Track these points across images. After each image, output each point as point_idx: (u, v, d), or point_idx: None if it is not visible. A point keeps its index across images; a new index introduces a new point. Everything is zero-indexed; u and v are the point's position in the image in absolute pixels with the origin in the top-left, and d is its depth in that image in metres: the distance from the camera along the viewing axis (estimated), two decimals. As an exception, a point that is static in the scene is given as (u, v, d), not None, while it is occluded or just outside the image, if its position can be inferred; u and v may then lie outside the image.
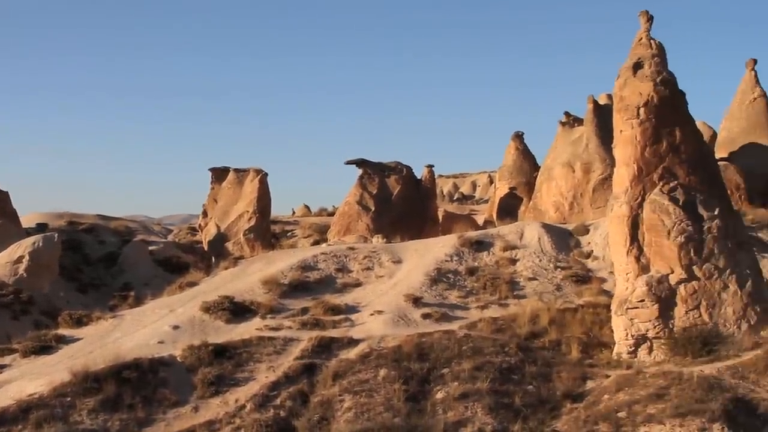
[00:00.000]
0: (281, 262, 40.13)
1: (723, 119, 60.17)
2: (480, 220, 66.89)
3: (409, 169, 64.44)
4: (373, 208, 59.97)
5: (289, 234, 75.35)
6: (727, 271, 28.83)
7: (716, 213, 29.37)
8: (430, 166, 66.90)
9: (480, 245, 40.24)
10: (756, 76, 59.17)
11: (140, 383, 26.75)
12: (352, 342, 30.01)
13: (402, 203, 61.60)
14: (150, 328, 33.26)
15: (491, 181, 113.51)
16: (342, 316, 33.58)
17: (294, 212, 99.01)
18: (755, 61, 59.44)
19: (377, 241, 46.64)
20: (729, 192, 40.91)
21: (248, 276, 39.41)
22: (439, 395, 25.77)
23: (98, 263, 66.36)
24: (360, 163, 63.07)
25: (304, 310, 34.35)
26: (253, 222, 67.76)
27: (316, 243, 59.83)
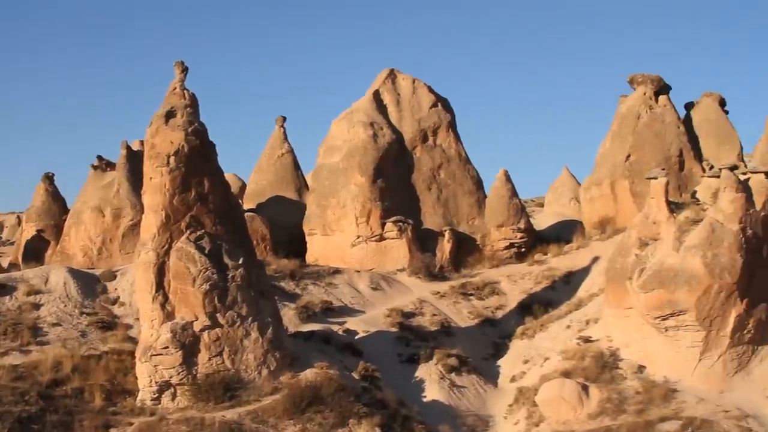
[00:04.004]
0: None
1: (252, 172, 65.04)
2: (5, 262, 65.09)
3: None
4: None
5: None
6: (250, 319, 32.14)
7: (241, 262, 32.57)
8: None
9: (2, 289, 39.87)
10: (285, 132, 65.14)
11: None
12: None
13: None
14: None
15: (19, 222, 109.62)
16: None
17: None
18: (284, 119, 65.37)
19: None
20: (255, 242, 45.07)
21: None
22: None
23: None
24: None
25: None
26: None
27: None
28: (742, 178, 35.72)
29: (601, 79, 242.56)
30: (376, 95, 56.64)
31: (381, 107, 56.13)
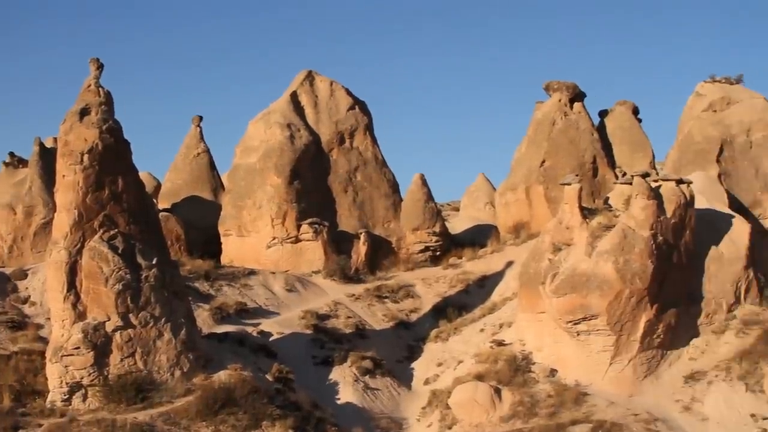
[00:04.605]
0: None
1: (168, 171, 64.50)
2: None
3: None
4: None
5: None
6: (163, 320, 31.98)
7: (154, 262, 32.39)
8: None
9: None
10: (201, 132, 64.67)
11: None
12: None
13: None
14: None
15: None
16: None
17: None
18: (201, 118, 64.96)
19: None
20: (169, 242, 44.78)
21: None
22: None
23: None
24: None
25: None
26: None
27: None
28: (654, 185, 36.61)
29: (517, 85, 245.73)
30: (294, 96, 56.64)
31: (298, 109, 56.15)
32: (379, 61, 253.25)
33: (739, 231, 38.78)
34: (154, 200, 56.96)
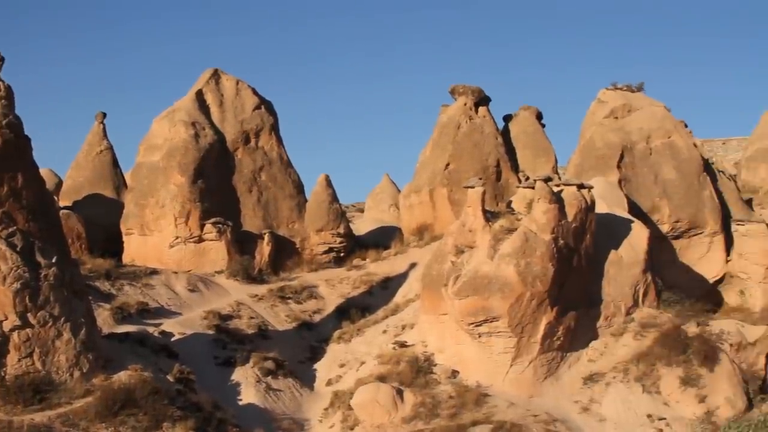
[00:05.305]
0: None
1: (69, 168, 63.37)
2: None
3: None
4: None
5: None
6: (62, 319, 31.35)
7: (54, 261, 31.78)
8: None
9: None
10: (104, 129, 63.70)
11: None
12: None
13: None
14: None
15: None
16: None
17: None
18: (104, 115, 64.00)
19: None
20: (70, 241, 44.03)
21: None
22: None
23: None
24: None
25: None
26: None
27: None
28: (556, 189, 37.39)
29: (423, 88, 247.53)
30: (199, 95, 56.21)
31: (203, 107, 55.73)
32: (285, 62, 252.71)
33: (638, 236, 39.86)
34: (55, 197, 55.87)
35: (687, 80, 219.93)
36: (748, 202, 56.44)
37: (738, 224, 51.34)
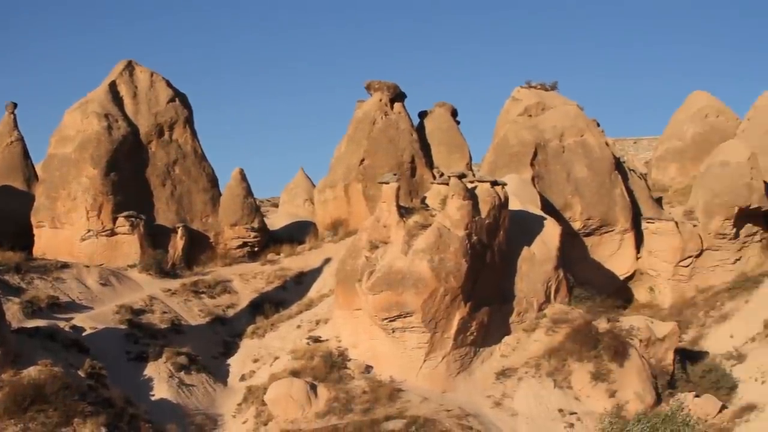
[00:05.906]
0: None
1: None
2: None
3: None
4: None
5: None
6: (-30, 314, 30.72)
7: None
8: None
9: None
10: (15, 119, 62.40)
11: None
12: None
13: None
14: None
15: None
16: None
17: None
18: (15, 105, 62.71)
19: None
20: (-22, 234, 42.98)
21: None
22: None
23: None
24: None
25: None
26: None
27: None
28: (470, 186, 37.80)
29: (339, 83, 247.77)
30: (113, 86, 55.53)
31: (117, 99, 55.08)
32: (200, 54, 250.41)
33: (550, 232, 40.57)
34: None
35: (600, 80, 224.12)
36: (658, 201, 57.61)
37: (648, 222, 52.33)
